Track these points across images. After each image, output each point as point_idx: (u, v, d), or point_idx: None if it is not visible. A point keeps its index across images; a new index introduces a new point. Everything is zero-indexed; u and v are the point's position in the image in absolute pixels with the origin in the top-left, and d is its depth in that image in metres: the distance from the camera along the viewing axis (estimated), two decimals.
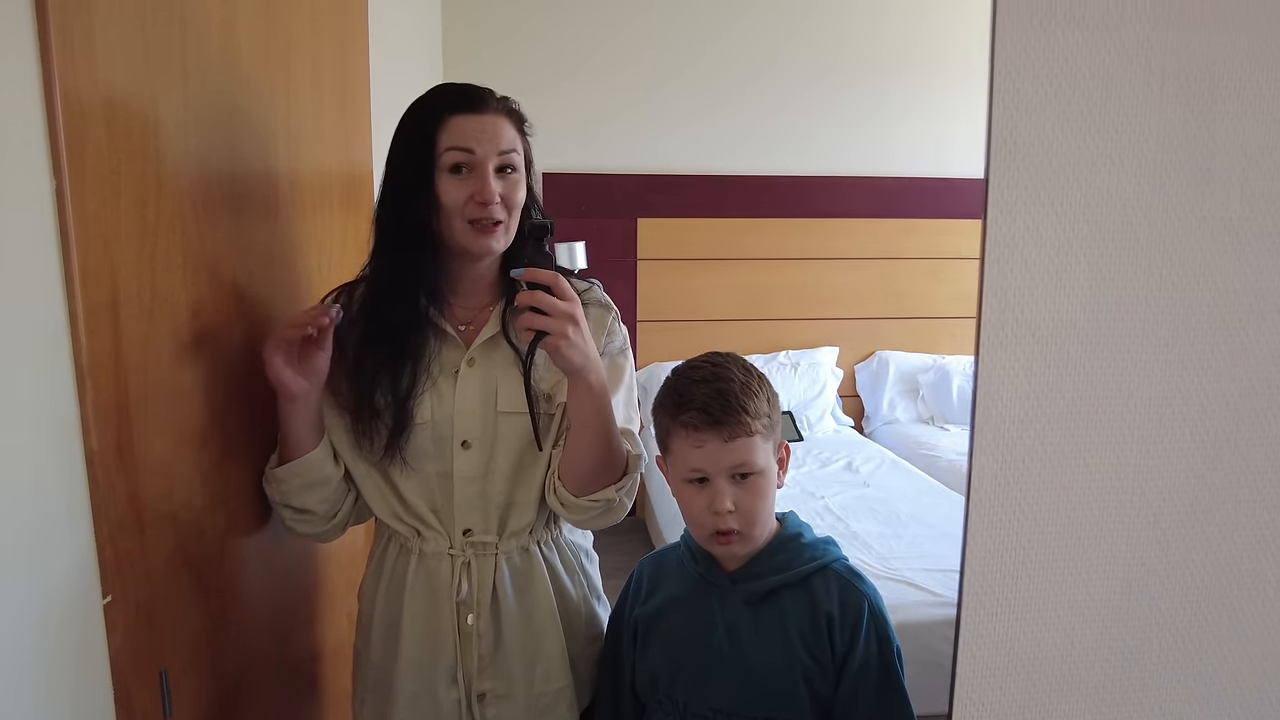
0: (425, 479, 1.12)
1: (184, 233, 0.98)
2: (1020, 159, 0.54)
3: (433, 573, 1.14)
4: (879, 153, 3.86)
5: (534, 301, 0.95)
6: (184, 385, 0.99)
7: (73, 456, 0.77)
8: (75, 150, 0.76)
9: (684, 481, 1.06)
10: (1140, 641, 0.62)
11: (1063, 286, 0.56)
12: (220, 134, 1.08)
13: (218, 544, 1.07)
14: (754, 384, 1.06)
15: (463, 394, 1.11)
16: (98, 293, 0.80)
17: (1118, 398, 0.58)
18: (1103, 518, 0.59)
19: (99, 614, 0.81)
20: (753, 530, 1.05)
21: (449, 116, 1.05)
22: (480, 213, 1.05)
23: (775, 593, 1.07)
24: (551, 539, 1.19)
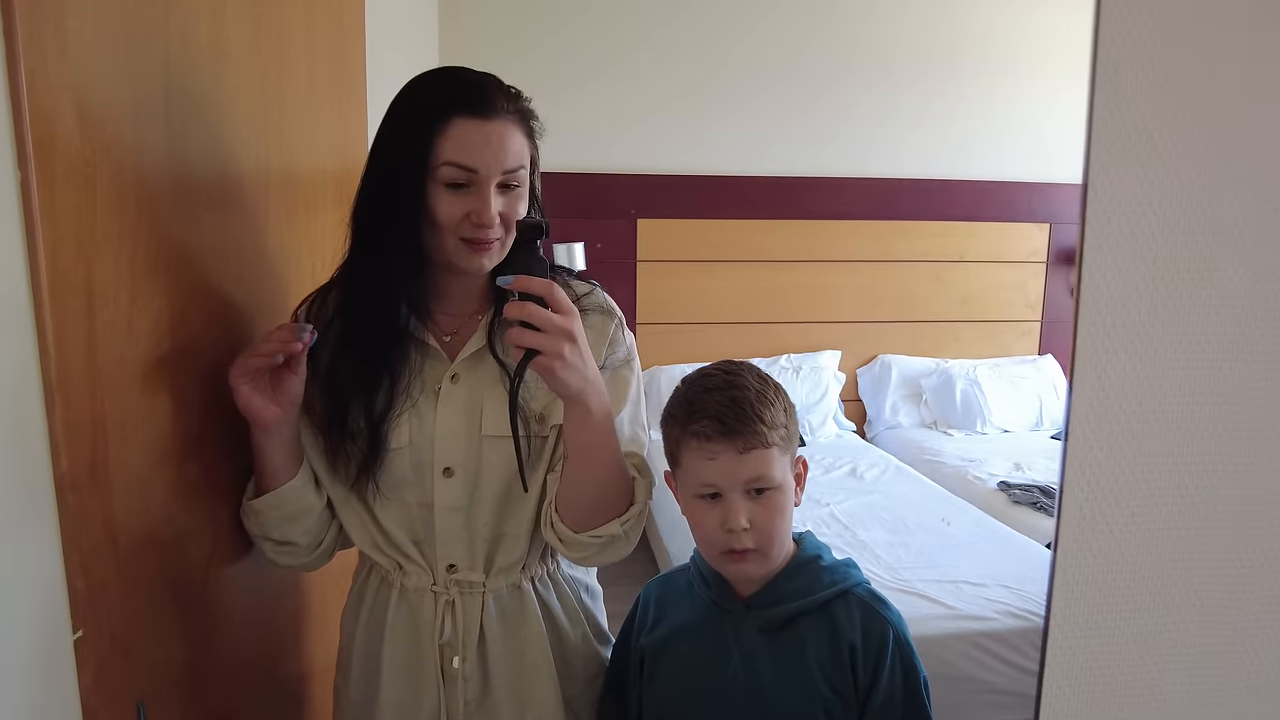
0: (405, 508, 1.03)
1: (167, 234, 0.91)
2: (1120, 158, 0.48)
3: (414, 609, 1.05)
4: (882, 154, 3.81)
5: (524, 315, 0.82)
6: (165, 398, 0.92)
7: (40, 479, 0.70)
8: (43, 142, 0.69)
9: (695, 497, 0.99)
10: (1236, 690, 0.56)
11: (1164, 291, 0.50)
12: (207, 128, 1.01)
13: (200, 567, 1.00)
14: (770, 393, 0.99)
15: (445, 415, 1.00)
16: (70, 297, 0.73)
17: (1219, 415, 0.52)
18: (1198, 548, 0.53)
19: (69, 650, 0.74)
20: (770, 550, 0.98)
21: (451, 119, 0.91)
22: (476, 233, 0.94)
23: (793, 620, 1.00)
24: (547, 574, 1.09)
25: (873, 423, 3.92)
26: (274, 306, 1.20)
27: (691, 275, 3.76)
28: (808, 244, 3.81)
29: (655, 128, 3.67)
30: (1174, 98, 0.49)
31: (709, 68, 3.67)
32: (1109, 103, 0.47)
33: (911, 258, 3.88)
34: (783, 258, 3.80)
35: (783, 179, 3.76)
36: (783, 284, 3.82)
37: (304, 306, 1.07)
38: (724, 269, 3.77)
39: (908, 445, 3.64)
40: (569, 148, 3.53)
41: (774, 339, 3.84)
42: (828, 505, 2.86)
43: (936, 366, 3.87)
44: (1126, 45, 0.50)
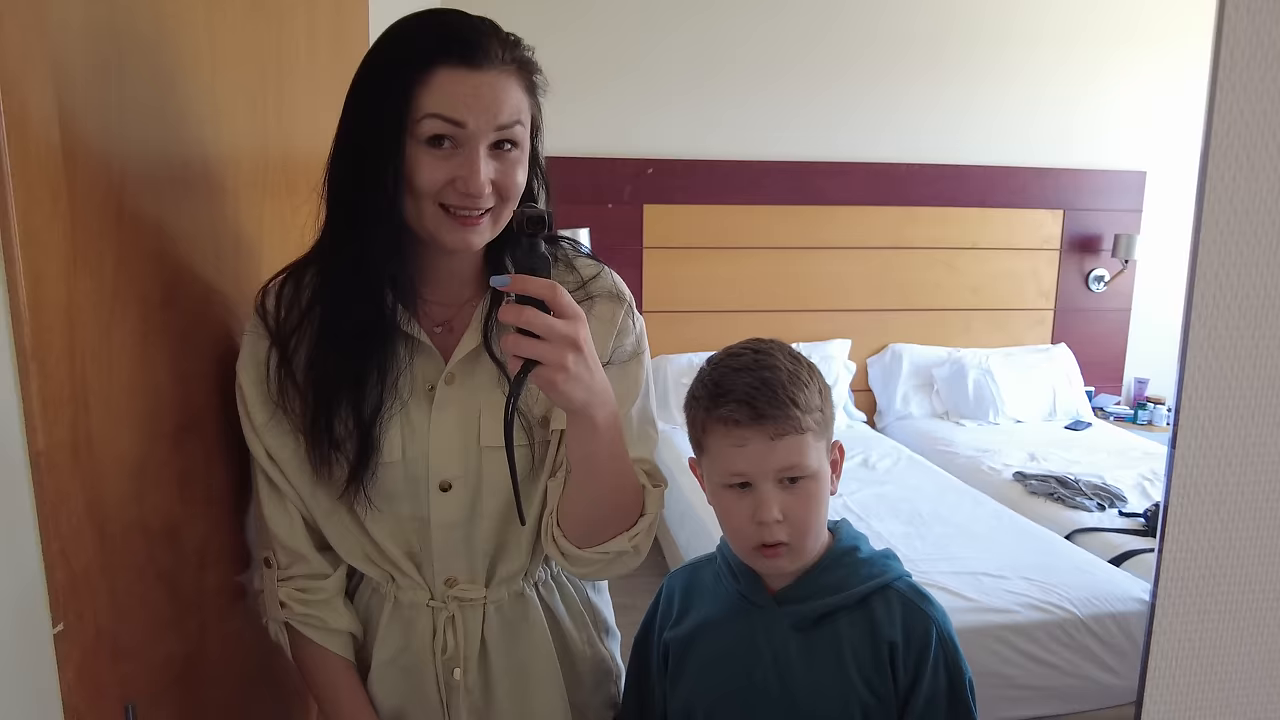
0: (399, 521, 0.93)
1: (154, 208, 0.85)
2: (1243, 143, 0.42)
3: (408, 624, 0.96)
4: (893, 139, 3.74)
5: (522, 322, 0.71)
6: (156, 376, 0.85)
7: (13, 457, 0.63)
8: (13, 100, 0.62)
9: (723, 487, 0.91)
10: None
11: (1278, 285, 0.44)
12: (199, 110, 0.94)
13: (196, 556, 0.94)
14: (804, 373, 0.91)
15: (440, 424, 0.89)
16: (46, 259, 0.67)
17: None
18: None
19: (48, 645, 0.67)
20: (804, 542, 0.91)
21: (436, 67, 0.78)
22: (463, 201, 0.81)
23: (829, 616, 0.93)
24: (550, 577, 1.01)
25: (883, 413, 3.86)
26: None
27: (698, 262, 3.69)
28: (817, 230, 3.74)
29: (663, 111, 3.60)
30: None
31: (718, 52, 3.59)
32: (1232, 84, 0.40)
33: (922, 244, 3.81)
34: (791, 244, 3.73)
35: (792, 164, 3.68)
36: (791, 271, 3.75)
37: (273, 288, 0.91)
38: (731, 256, 3.70)
39: (919, 436, 3.58)
40: (574, 131, 3.46)
41: (782, 327, 3.77)
42: (840, 496, 2.79)
43: (948, 356, 3.80)
44: None
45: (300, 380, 0.88)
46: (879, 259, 3.80)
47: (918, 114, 3.73)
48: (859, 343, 3.85)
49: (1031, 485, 2.91)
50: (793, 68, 3.64)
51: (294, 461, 0.91)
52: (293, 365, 0.88)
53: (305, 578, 0.96)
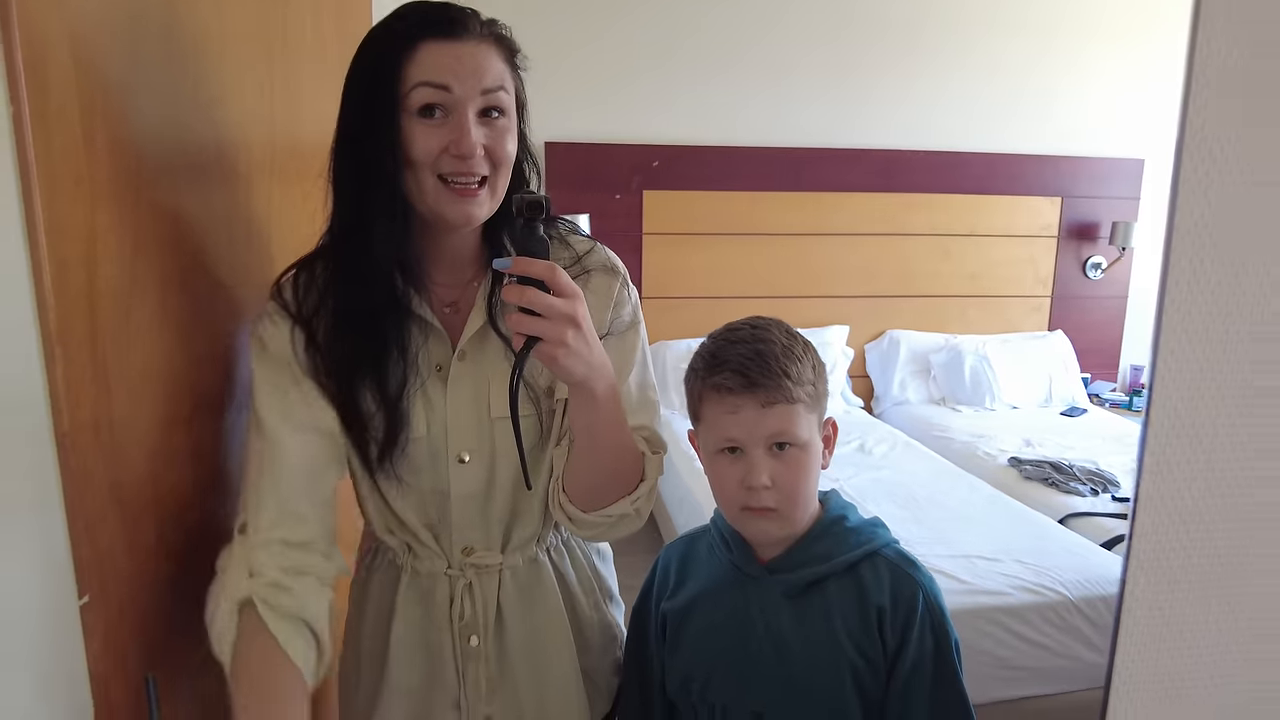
0: (420, 494, 0.97)
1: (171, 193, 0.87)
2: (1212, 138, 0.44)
3: (426, 594, 1.00)
4: (891, 126, 3.75)
5: (524, 301, 0.75)
6: (171, 359, 0.88)
7: (40, 437, 0.66)
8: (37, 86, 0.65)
9: (716, 453, 0.95)
10: None
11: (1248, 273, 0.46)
12: (210, 97, 0.96)
13: (211, 535, 0.97)
14: (798, 349, 0.95)
15: (455, 399, 0.94)
16: (70, 245, 0.69)
17: None
18: None
19: (75, 616, 0.70)
20: (793, 511, 0.94)
21: (419, 43, 0.82)
22: (458, 166, 0.84)
23: (819, 584, 0.96)
24: (561, 542, 1.06)
25: (880, 399, 3.89)
26: None
27: (698, 248, 3.71)
28: (816, 217, 3.75)
29: (662, 97, 3.60)
30: None
31: (719, 39, 3.59)
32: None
33: (921, 231, 3.83)
34: (790, 231, 3.75)
35: (790, 150, 3.70)
36: (790, 257, 3.77)
37: (287, 281, 0.93)
38: (730, 242, 3.72)
39: (916, 421, 3.61)
40: (573, 117, 3.46)
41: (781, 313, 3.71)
42: (837, 481, 2.83)
43: (945, 342, 3.83)
44: None
45: (327, 368, 0.90)
46: (877, 246, 3.82)
47: (918, 102, 3.74)
48: (857, 329, 3.87)
49: (1026, 470, 2.94)
50: (794, 56, 3.65)
51: (335, 432, 0.91)
52: (318, 346, 0.90)
53: (294, 545, 0.88)
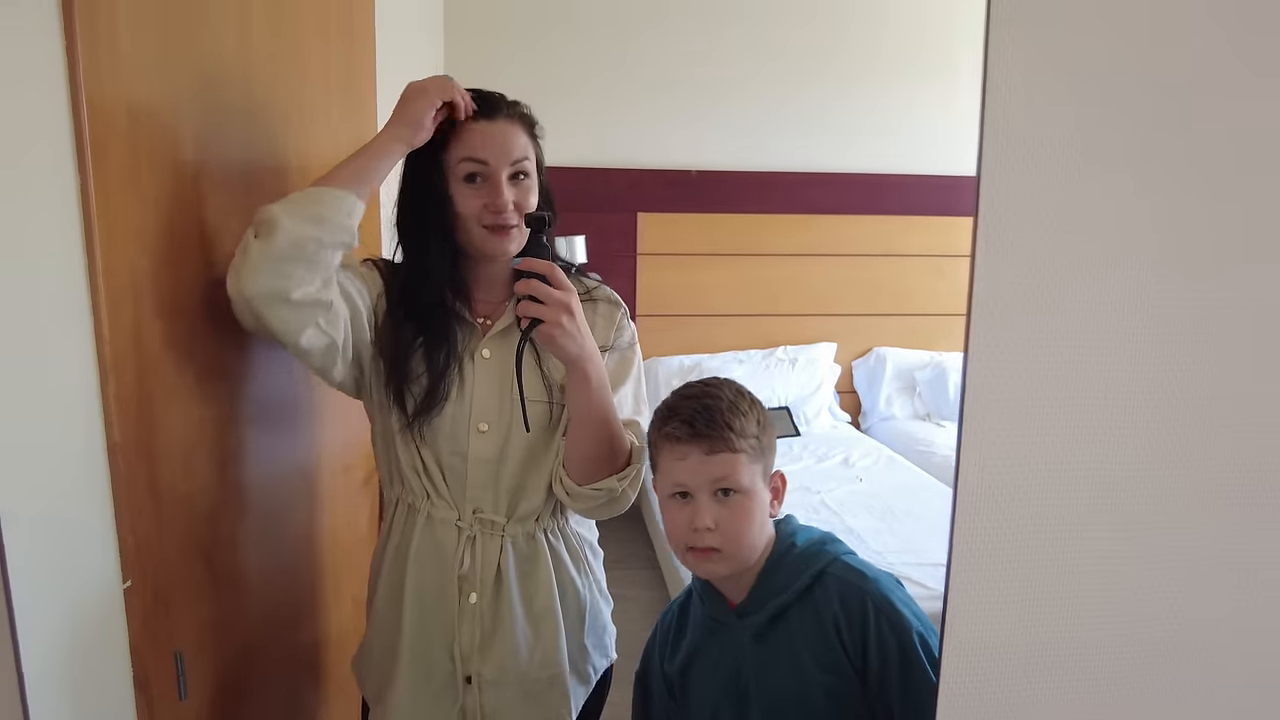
0: (438, 454, 1.15)
1: (202, 230, 1.01)
2: (1012, 163, 0.56)
3: (438, 539, 1.16)
4: (878, 149, 3.88)
5: (530, 290, 0.98)
6: (202, 378, 1.02)
7: (95, 447, 0.80)
8: (100, 150, 0.79)
9: (668, 497, 1.04)
10: (1124, 638, 0.65)
11: (1051, 290, 0.59)
12: (236, 133, 1.11)
13: (229, 532, 1.10)
14: (744, 405, 1.04)
15: (481, 379, 1.15)
16: (120, 288, 0.83)
17: (1101, 400, 0.61)
18: (1087, 516, 0.62)
19: (119, 598, 0.84)
20: (737, 551, 1.02)
21: (465, 125, 1.10)
22: (495, 219, 1.10)
23: (781, 615, 1.03)
24: (558, 527, 1.22)
25: (867, 414, 4.01)
26: None
27: (691, 269, 3.84)
28: (805, 238, 3.89)
29: (656, 123, 3.75)
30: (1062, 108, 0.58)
31: (707, 64, 3.74)
32: (1001, 107, 0.55)
33: (907, 252, 3.95)
34: (780, 251, 3.88)
35: (781, 174, 3.83)
36: (780, 277, 3.90)
37: (379, 261, 1.20)
38: (723, 262, 3.86)
39: (901, 436, 3.73)
40: (571, 142, 3.62)
41: (771, 331, 3.93)
42: (819, 493, 2.95)
43: (930, 359, 3.95)
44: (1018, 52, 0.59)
45: (388, 339, 1.13)
46: (865, 266, 3.95)
47: (904, 124, 3.87)
48: (844, 346, 4.00)
49: None
50: (781, 81, 3.79)
51: (377, 385, 1.15)
52: (383, 330, 1.14)
53: None
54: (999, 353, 0.59)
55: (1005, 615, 0.63)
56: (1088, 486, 0.62)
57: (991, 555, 0.62)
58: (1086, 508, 0.63)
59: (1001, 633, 0.64)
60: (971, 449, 0.59)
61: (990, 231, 0.57)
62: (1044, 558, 0.63)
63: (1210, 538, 0.64)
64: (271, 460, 1.18)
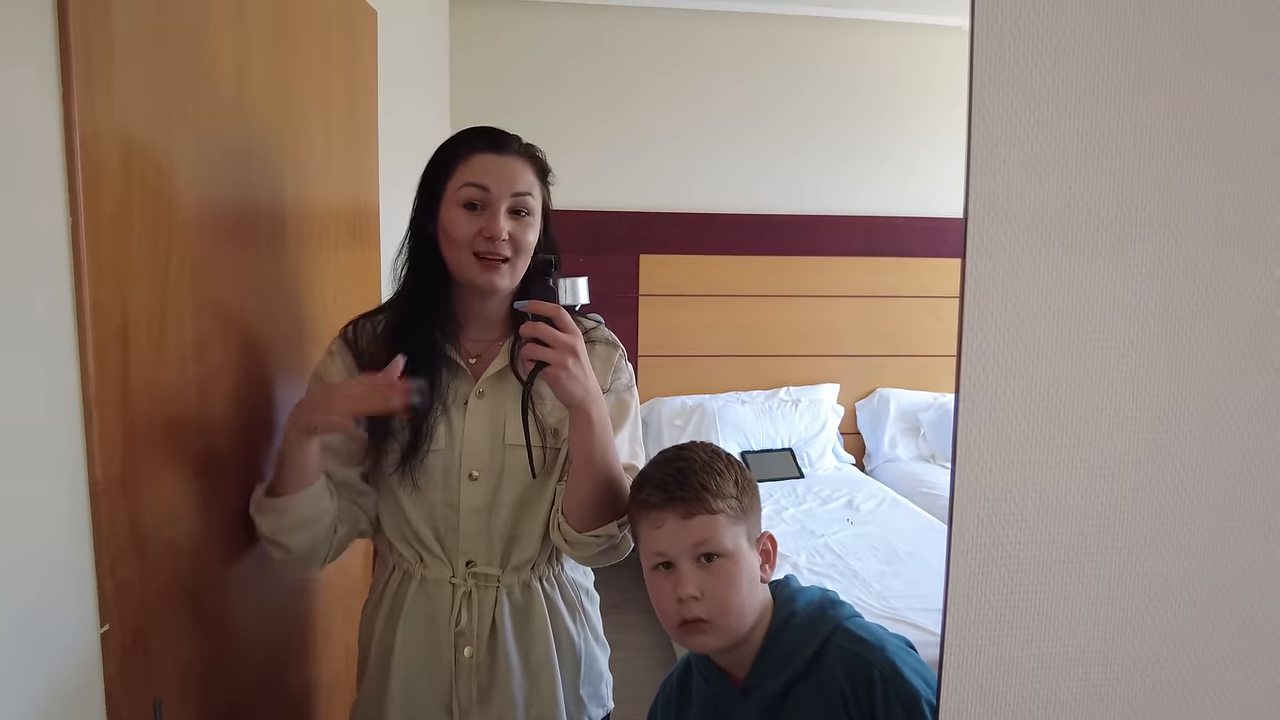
0: (430, 507, 1.13)
1: (193, 269, 1.01)
2: (998, 201, 0.56)
3: (432, 598, 1.14)
4: (881, 192, 3.91)
5: (535, 333, 0.97)
6: (188, 417, 1.01)
7: (77, 487, 0.79)
8: (91, 188, 0.79)
9: (651, 570, 1.00)
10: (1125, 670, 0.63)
11: (1041, 323, 0.58)
12: (231, 172, 1.12)
13: (215, 573, 1.08)
14: (719, 464, 1.01)
15: (471, 425, 1.12)
16: (108, 326, 0.83)
17: (1097, 438, 0.60)
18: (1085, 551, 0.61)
19: (96, 642, 0.82)
20: (726, 621, 0.96)
21: (471, 154, 1.09)
22: (487, 247, 1.07)
23: (789, 690, 0.97)
24: (553, 575, 1.19)
25: (871, 456, 3.97)
26: (291, 336, 1.30)
27: (692, 310, 3.85)
28: (808, 279, 3.90)
29: (658, 166, 3.79)
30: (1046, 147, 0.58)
31: (709, 108, 3.79)
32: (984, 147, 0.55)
33: (910, 293, 3.96)
34: (783, 293, 3.89)
35: (784, 216, 3.86)
36: (782, 318, 3.91)
37: (349, 327, 1.18)
38: (724, 303, 3.87)
39: (905, 478, 3.69)
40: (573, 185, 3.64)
41: (773, 372, 3.92)
42: (822, 536, 2.91)
43: (934, 400, 3.93)
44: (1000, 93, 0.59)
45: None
46: (868, 307, 3.95)
47: (906, 169, 3.91)
48: (848, 387, 3.98)
49: None
50: (781, 125, 3.84)
51: (359, 451, 1.14)
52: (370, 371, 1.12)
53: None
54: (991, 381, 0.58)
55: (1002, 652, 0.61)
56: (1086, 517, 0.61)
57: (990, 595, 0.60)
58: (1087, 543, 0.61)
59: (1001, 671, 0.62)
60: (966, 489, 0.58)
61: (978, 265, 0.56)
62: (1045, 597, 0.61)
63: (1211, 570, 0.63)
64: None
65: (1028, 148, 0.57)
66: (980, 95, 0.55)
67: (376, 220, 1.77)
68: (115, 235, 0.84)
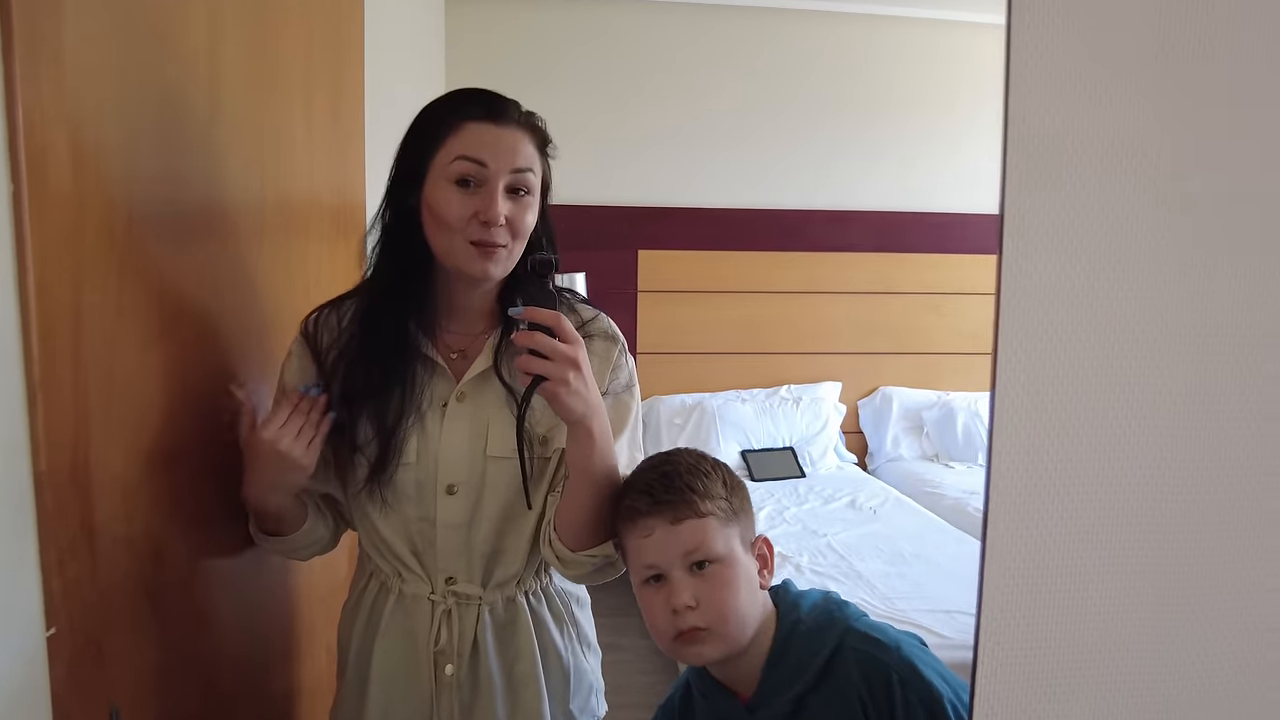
0: (405, 521, 1.05)
1: (156, 253, 0.95)
2: (1036, 194, 0.51)
3: (410, 614, 1.07)
4: (881, 188, 3.86)
5: (533, 344, 0.87)
6: (152, 405, 0.95)
7: (19, 477, 0.73)
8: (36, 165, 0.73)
9: (642, 584, 0.94)
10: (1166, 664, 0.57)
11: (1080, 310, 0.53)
12: (200, 156, 1.06)
13: (183, 572, 1.02)
14: (706, 466, 0.96)
15: (450, 433, 1.02)
16: (56, 306, 0.77)
17: (1135, 427, 0.54)
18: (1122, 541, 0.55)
19: (41, 646, 0.76)
20: (725, 629, 0.91)
21: (464, 122, 0.96)
22: (482, 233, 0.95)
23: (801, 703, 0.92)
24: (540, 588, 1.11)
25: (874, 455, 3.92)
26: (263, 329, 1.24)
27: (692, 306, 3.79)
28: (808, 275, 3.85)
29: (656, 160, 3.74)
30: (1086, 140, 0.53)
31: (709, 102, 3.74)
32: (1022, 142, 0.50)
33: (912, 290, 3.90)
34: (783, 289, 3.84)
35: (783, 211, 3.81)
36: (783, 315, 3.85)
37: (313, 316, 1.08)
38: (724, 300, 3.81)
39: (908, 477, 3.63)
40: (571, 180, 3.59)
41: (774, 370, 3.86)
42: (825, 536, 2.85)
43: (937, 399, 3.87)
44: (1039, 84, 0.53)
45: (334, 391, 1.02)
46: (869, 304, 3.90)
47: (906, 162, 3.85)
48: (849, 385, 3.92)
49: None
50: (781, 119, 3.79)
51: (324, 463, 1.05)
52: (331, 376, 1.03)
53: None
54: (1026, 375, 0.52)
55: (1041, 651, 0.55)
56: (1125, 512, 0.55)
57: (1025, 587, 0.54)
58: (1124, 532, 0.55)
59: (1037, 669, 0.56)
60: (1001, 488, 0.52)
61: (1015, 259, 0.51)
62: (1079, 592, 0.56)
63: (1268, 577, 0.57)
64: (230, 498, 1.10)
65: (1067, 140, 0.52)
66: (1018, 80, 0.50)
67: (363, 209, 1.72)
68: (64, 213, 0.78)
